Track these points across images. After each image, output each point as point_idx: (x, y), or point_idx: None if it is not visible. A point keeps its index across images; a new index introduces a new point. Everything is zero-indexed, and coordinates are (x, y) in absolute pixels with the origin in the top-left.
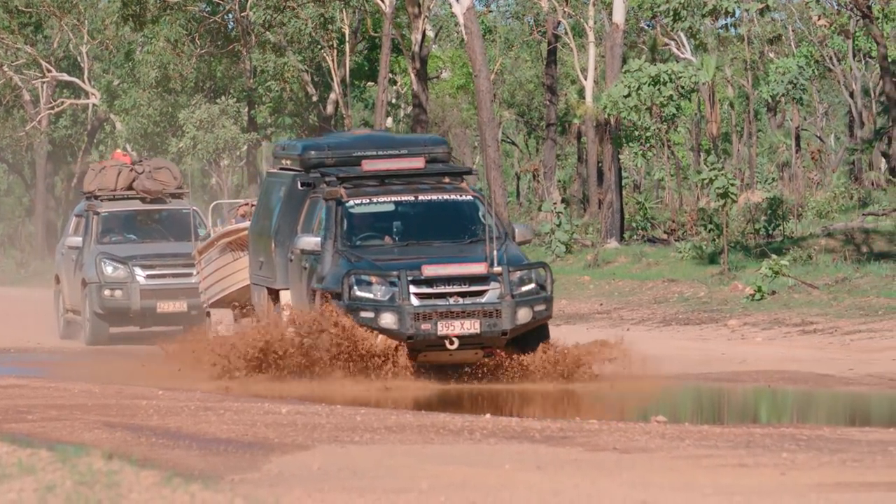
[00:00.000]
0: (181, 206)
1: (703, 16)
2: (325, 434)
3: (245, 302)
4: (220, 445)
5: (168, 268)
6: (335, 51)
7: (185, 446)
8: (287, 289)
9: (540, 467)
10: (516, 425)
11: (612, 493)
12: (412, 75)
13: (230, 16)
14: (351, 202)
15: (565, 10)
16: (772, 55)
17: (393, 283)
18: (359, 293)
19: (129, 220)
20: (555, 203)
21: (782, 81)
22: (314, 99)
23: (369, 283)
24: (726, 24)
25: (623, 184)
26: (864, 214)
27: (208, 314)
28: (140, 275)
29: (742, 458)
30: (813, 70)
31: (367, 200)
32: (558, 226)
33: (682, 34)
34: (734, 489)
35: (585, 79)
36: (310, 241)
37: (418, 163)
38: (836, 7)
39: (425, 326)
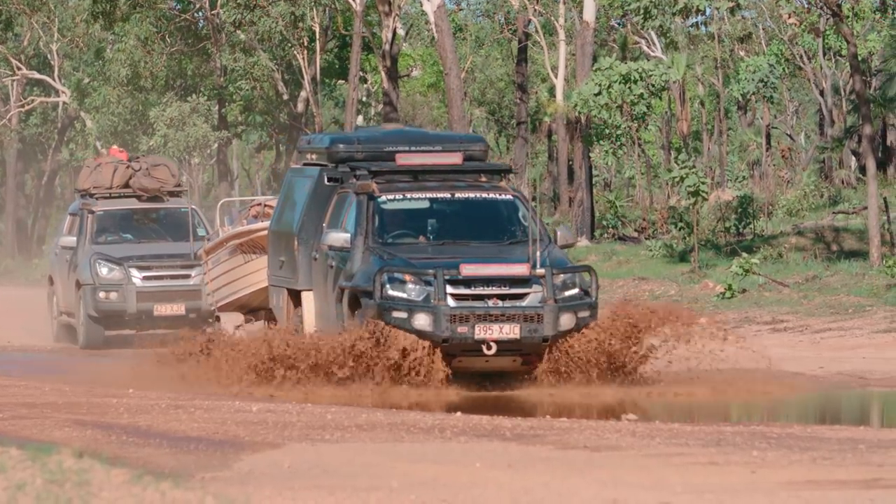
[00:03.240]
0: (179, 204)
1: (674, 14)
2: (296, 432)
3: (258, 305)
4: (190, 443)
5: (166, 269)
6: (305, 49)
7: (156, 444)
8: (310, 290)
9: (511, 465)
10: (487, 423)
11: (582, 491)
12: (383, 73)
13: (200, 14)
14: (383, 197)
15: (536, 8)
16: (742, 53)
17: (428, 283)
18: (391, 292)
19: (126, 219)
20: None
21: (753, 80)
22: (285, 97)
23: (403, 282)
24: (697, 23)
25: (594, 182)
26: (834, 213)
27: (217, 318)
28: (136, 276)
29: (712, 457)
30: (783, 68)
31: (401, 196)
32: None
33: (652, 32)
34: (705, 487)
35: (556, 77)
36: (339, 237)
37: (455, 158)
38: (806, 5)
39: (462, 329)
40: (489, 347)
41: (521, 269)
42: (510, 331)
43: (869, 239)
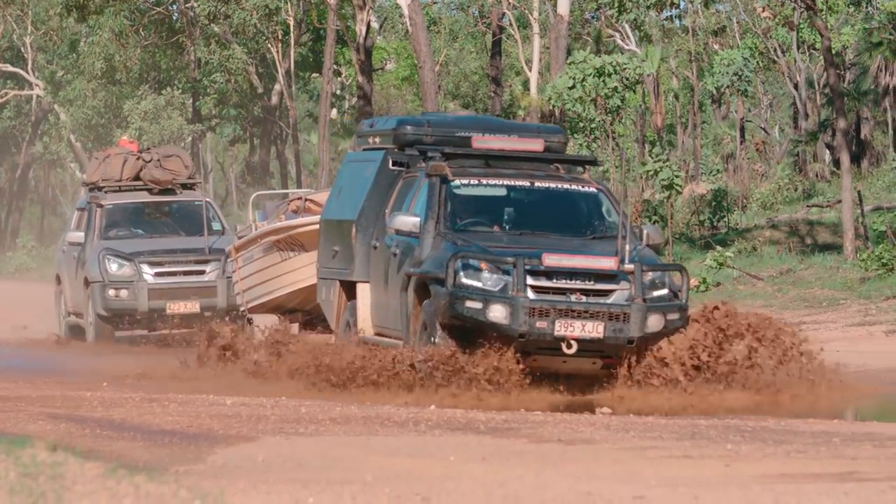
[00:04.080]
0: (193, 197)
1: (648, 7)
2: (270, 425)
3: (294, 307)
4: (164, 437)
5: (179, 265)
6: (280, 42)
7: (130, 438)
8: (366, 281)
9: (485, 459)
10: (461, 416)
11: (556, 484)
12: (357, 67)
13: (175, 7)
14: (457, 182)
15: (510, 1)
16: (716, 47)
17: (506, 272)
18: (465, 280)
19: (136, 213)
20: None
21: (727, 73)
22: (259, 90)
23: (478, 270)
24: (671, 16)
25: None
26: (808, 206)
27: (249, 320)
28: (148, 273)
29: (687, 450)
30: (757, 62)
31: (476, 182)
32: None
33: (626, 26)
34: (679, 481)
35: (530, 70)
36: (407, 221)
37: (537, 145)
38: None
39: (541, 324)
40: (569, 346)
41: (608, 263)
42: (593, 329)
43: (843, 232)
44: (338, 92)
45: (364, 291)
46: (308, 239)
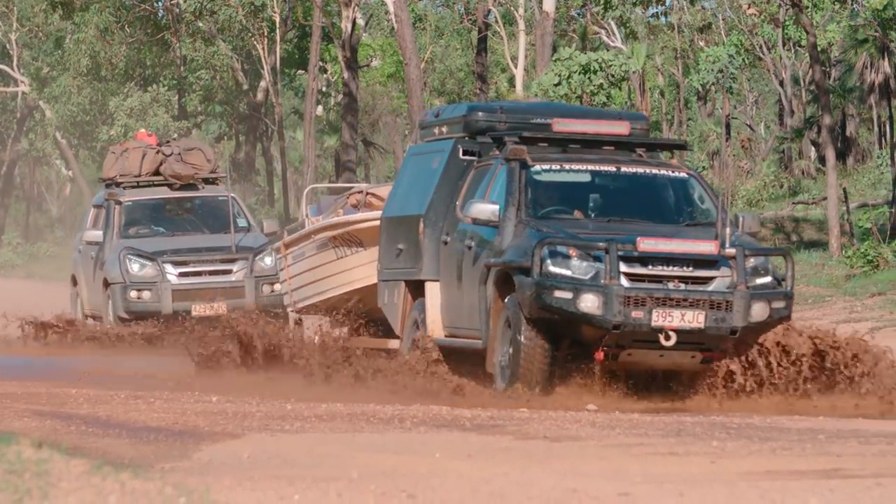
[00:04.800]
0: (216, 192)
1: (634, 4)
2: (256, 422)
3: (350, 308)
4: (150, 434)
5: (204, 264)
6: (265, 39)
7: (115, 435)
8: (435, 280)
9: (470, 455)
10: (447, 413)
11: (542, 481)
12: (342, 63)
13: (160, 3)
14: (537, 167)
15: None
16: (702, 44)
17: (597, 259)
18: (553, 268)
19: (157, 209)
20: None
21: (712, 70)
22: (244, 87)
23: (567, 257)
24: (657, 13)
25: None
26: (793, 203)
27: (299, 321)
28: (171, 273)
29: (672, 447)
30: (743, 59)
31: (558, 167)
32: None
33: (612, 22)
34: (664, 477)
35: (516, 67)
36: (485, 209)
37: (622, 128)
38: None
39: (636, 315)
40: (667, 338)
41: (708, 248)
42: (693, 319)
43: (828, 229)
44: (323, 89)
45: (433, 291)
46: (368, 236)
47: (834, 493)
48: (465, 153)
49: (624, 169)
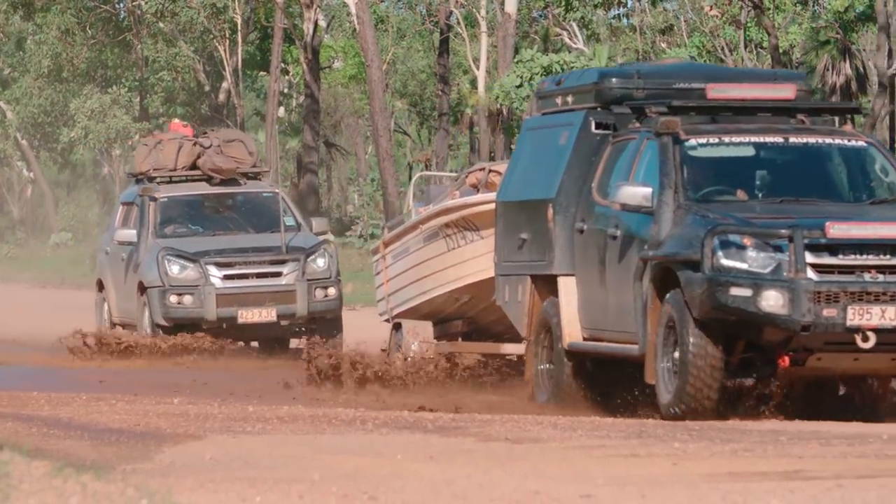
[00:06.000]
0: (260, 188)
1: (596, 6)
2: (218, 424)
3: (455, 311)
4: (111, 435)
5: (251, 266)
6: (227, 40)
7: (77, 436)
8: (570, 274)
9: (432, 457)
10: (408, 415)
11: (504, 483)
12: (304, 65)
13: (122, 5)
14: (693, 141)
15: (458, 0)
16: (664, 45)
17: (777, 248)
18: (726, 261)
19: (195, 206)
20: None
21: None
22: (206, 89)
23: (742, 247)
24: (618, 15)
25: None
26: None
27: (397, 326)
28: (216, 276)
29: (634, 449)
30: (705, 60)
31: (716, 140)
32: None
33: (574, 24)
34: (626, 479)
35: (478, 69)
36: (636, 193)
37: (787, 91)
38: None
39: (828, 313)
40: (865, 339)
41: None
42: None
43: None
44: (285, 90)
45: (568, 287)
46: (487, 221)
47: (795, 495)
48: (598, 126)
49: (793, 139)
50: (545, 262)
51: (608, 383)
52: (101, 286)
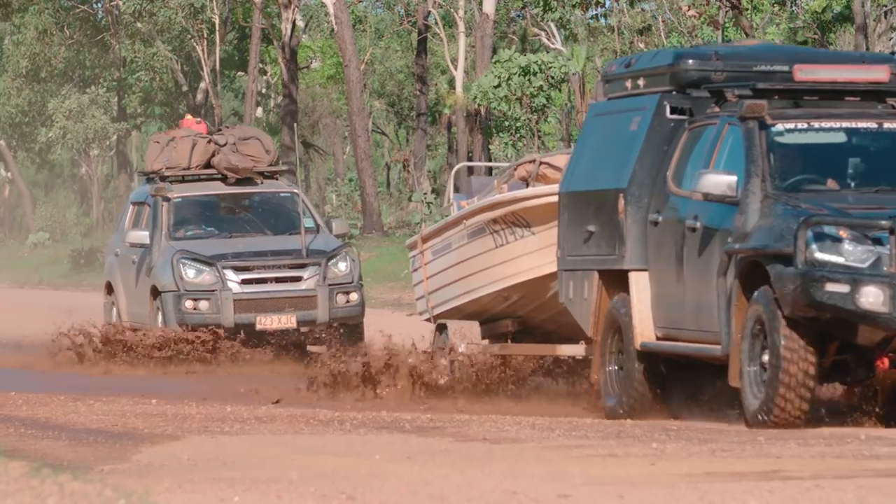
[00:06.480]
0: (278, 188)
1: (574, 6)
2: (196, 424)
3: (503, 311)
4: (89, 436)
5: (270, 270)
6: (205, 40)
7: (55, 437)
8: (643, 269)
9: (410, 457)
10: (386, 416)
11: (482, 483)
12: (282, 65)
13: (99, 5)
14: (780, 126)
15: (436, 0)
16: (642, 45)
17: (878, 241)
18: (820, 255)
19: (210, 207)
20: (425, 193)
21: None
22: (184, 89)
23: (837, 240)
24: (596, 15)
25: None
26: None
27: (442, 327)
28: (233, 280)
29: (612, 449)
30: None
31: (805, 126)
32: (428, 215)
33: (552, 24)
34: (604, 479)
35: (456, 69)
36: (720, 181)
37: (881, 74)
38: None
39: None
40: None
41: None
42: None
43: None
44: (263, 90)
45: (641, 282)
46: (539, 216)
47: (773, 495)
48: (673, 111)
49: (887, 125)
50: (615, 257)
51: (683, 386)
52: (109, 289)
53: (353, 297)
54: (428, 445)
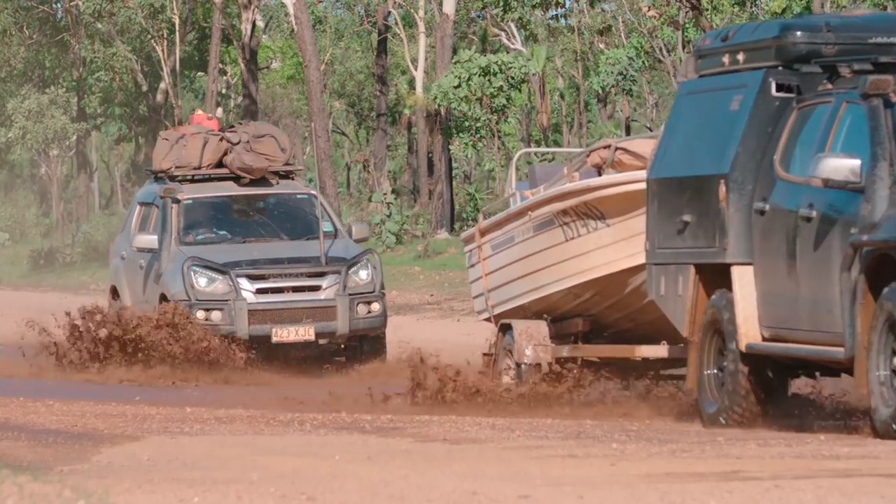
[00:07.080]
0: (294, 189)
1: (534, 6)
2: (156, 425)
3: (573, 308)
4: (49, 436)
5: (287, 279)
6: (165, 41)
7: (14, 437)
8: (747, 263)
9: (370, 458)
10: (346, 416)
11: (441, 483)
12: (242, 65)
13: (59, 5)
14: None
15: (396, 0)
16: (602, 46)
17: None
18: None
19: (222, 210)
20: (385, 194)
21: (612, 72)
22: (144, 89)
23: None
24: (556, 15)
25: (453, 174)
26: None
27: (505, 328)
28: (247, 289)
29: (572, 449)
30: (643, 61)
31: None
32: (389, 216)
33: (512, 25)
34: (564, 480)
35: (416, 69)
36: (842, 166)
37: None
38: None
39: None
40: None
41: None
42: None
43: None
44: (223, 91)
45: (745, 277)
46: (614, 206)
47: (733, 495)
48: (779, 89)
49: None
50: (715, 249)
51: (793, 391)
52: (115, 293)
53: (375, 307)
54: (388, 446)
